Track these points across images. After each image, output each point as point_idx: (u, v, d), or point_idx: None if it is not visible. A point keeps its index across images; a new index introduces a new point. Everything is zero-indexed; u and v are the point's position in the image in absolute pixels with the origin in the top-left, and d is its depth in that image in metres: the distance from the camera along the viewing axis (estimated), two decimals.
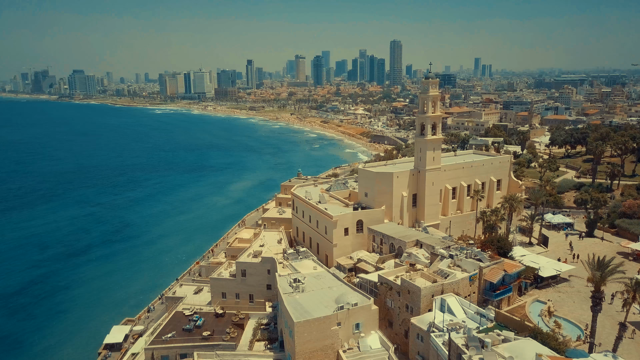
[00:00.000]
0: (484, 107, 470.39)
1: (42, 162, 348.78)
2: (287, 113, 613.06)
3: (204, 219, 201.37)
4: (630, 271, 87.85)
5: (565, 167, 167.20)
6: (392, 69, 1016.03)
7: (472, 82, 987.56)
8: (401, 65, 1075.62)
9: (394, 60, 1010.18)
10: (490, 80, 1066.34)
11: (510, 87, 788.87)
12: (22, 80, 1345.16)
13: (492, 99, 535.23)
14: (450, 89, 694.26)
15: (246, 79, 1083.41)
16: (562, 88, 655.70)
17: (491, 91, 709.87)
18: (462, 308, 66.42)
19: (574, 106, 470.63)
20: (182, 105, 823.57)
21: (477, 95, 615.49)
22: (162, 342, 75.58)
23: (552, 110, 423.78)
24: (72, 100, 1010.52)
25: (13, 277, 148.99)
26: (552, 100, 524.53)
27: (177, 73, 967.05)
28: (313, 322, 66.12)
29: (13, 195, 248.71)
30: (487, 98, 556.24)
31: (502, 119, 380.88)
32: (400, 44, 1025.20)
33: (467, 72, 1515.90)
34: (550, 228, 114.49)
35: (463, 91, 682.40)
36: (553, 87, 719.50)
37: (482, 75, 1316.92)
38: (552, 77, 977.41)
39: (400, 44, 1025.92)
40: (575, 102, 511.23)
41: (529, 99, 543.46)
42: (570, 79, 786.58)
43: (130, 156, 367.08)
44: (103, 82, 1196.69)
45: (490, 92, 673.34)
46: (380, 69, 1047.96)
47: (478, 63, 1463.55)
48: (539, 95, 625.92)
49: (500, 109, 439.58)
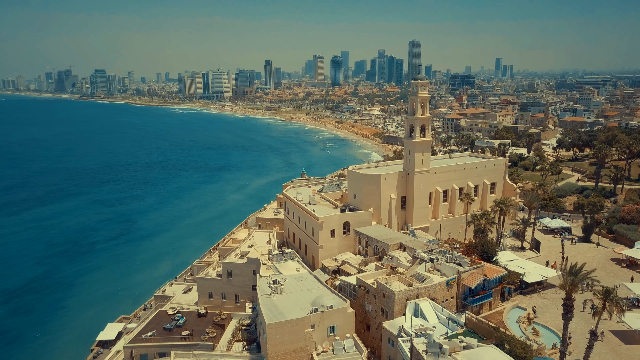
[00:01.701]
0: (500, 108, 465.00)
1: (64, 159, 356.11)
2: (302, 113, 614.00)
3: (209, 218, 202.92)
4: (622, 278, 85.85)
5: (571, 170, 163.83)
6: (411, 70, 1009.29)
7: (492, 83, 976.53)
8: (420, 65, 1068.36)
9: (413, 60, 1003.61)
10: (510, 81, 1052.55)
11: (531, 88, 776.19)
12: (46, 79, 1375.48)
13: (509, 100, 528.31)
14: (468, 90, 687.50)
15: (264, 79, 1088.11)
16: (583, 89, 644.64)
17: (510, 92, 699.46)
18: (435, 313, 65.63)
19: (594, 108, 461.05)
20: (200, 105, 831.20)
21: (496, 97, 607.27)
22: (141, 341, 76.16)
23: (571, 112, 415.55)
24: (93, 100, 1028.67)
25: (19, 272, 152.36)
26: (571, 102, 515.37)
27: (196, 73, 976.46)
28: (285, 324, 66.01)
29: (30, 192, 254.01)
30: (504, 99, 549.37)
31: (517, 121, 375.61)
32: (419, 44, 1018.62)
33: (488, 72, 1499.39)
34: (547, 232, 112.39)
35: (481, 92, 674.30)
36: (575, 88, 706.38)
37: (502, 76, 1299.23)
38: (574, 78, 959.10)
39: (419, 44, 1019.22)
40: (596, 104, 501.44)
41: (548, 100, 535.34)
42: (592, 80, 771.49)
43: (142, 155, 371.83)
44: (124, 82, 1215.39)
45: (509, 93, 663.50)
46: (398, 69, 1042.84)
47: (499, 64, 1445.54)
48: (559, 96, 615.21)
49: (518, 110, 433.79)
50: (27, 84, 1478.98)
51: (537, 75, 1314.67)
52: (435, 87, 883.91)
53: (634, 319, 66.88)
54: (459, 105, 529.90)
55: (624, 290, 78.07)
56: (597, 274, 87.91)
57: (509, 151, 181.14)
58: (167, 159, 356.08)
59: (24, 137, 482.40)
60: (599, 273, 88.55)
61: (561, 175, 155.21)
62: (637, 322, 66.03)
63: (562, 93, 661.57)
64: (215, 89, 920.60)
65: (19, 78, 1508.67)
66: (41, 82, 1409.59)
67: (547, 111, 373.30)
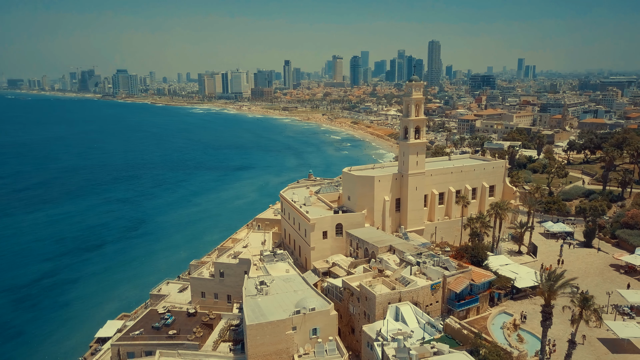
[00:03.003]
0: (519, 109, 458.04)
1: (87, 157, 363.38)
2: (318, 113, 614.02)
3: (218, 218, 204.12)
4: (619, 285, 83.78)
5: (581, 173, 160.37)
6: (430, 70, 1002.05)
7: (514, 83, 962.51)
8: (439, 65, 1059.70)
9: (432, 60, 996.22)
10: (533, 82, 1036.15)
11: (553, 88, 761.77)
12: (70, 79, 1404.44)
13: (529, 101, 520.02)
14: (488, 91, 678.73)
15: (283, 79, 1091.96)
16: (607, 90, 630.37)
17: (531, 93, 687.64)
18: (415, 317, 64.93)
19: (616, 109, 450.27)
20: (218, 105, 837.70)
21: (516, 97, 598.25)
22: (128, 339, 76.94)
23: (592, 114, 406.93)
24: (115, 99, 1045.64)
25: (27, 268, 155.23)
26: (593, 103, 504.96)
27: (215, 73, 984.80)
28: (266, 326, 66.10)
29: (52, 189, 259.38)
30: (524, 100, 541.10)
31: (535, 122, 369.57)
32: (439, 45, 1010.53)
33: (510, 73, 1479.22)
34: (549, 237, 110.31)
35: (501, 93, 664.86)
36: (598, 89, 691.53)
37: (525, 76, 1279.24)
38: (599, 78, 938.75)
39: (439, 44, 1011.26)
40: (619, 105, 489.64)
41: (570, 101, 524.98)
42: (616, 81, 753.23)
43: (160, 154, 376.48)
44: (146, 82, 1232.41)
45: (530, 94, 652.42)
46: (418, 69, 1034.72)
47: (521, 64, 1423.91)
48: (581, 97, 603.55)
49: (538, 111, 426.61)
50: (52, 83, 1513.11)
51: (560, 76, 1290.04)
52: (455, 87, 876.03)
53: (622, 327, 65.11)
54: (477, 106, 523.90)
55: (618, 297, 76.13)
56: (594, 279, 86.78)
57: (518, 153, 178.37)
58: (185, 158, 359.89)
59: (50, 135, 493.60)
60: (595, 279, 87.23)
61: (569, 178, 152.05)
62: (625, 331, 64.26)
63: (584, 94, 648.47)
64: (234, 89, 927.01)
65: (44, 78, 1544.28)
66: (65, 82, 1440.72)
67: (565, 112, 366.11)
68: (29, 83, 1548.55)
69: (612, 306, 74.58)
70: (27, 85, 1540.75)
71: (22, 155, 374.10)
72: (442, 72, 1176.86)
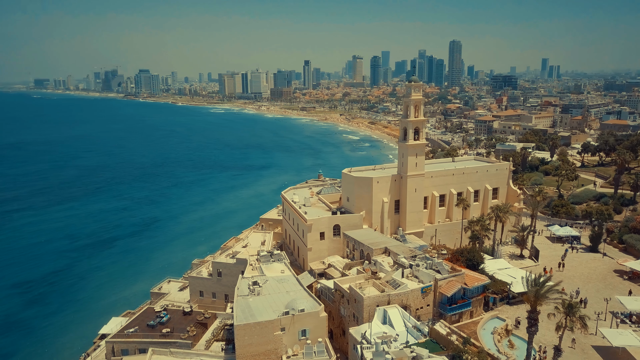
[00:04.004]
0: (540, 110, 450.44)
1: (101, 156, 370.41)
2: (336, 114, 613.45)
3: (235, 217, 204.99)
4: (621, 291, 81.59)
5: (595, 175, 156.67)
6: (451, 70, 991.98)
7: (537, 84, 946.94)
8: (460, 66, 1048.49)
9: (453, 61, 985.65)
10: (556, 82, 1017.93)
11: (577, 89, 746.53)
12: (95, 79, 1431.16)
13: (551, 102, 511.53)
14: (508, 91, 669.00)
15: (303, 79, 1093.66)
16: (632, 91, 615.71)
17: (554, 93, 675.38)
18: (403, 320, 64.24)
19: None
20: (238, 105, 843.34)
21: (538, 98, 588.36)
22: (123, 336, 77.87)
23: (615, 115, 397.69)
24: (137, 99, 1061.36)
25: (39, 265, 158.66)
26: (618, 104, 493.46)
27: (235, 73, 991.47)
28: (254, 326, 66.18)
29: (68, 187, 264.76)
30: (546, 101, 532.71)
31: (555, 123, 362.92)
32: (460, 45, 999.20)
33: (534, 73, 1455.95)
34: (554, 241, 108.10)
35: (523, 93, 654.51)
36: (624, 90, 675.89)
37: (549, 76, 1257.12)
38: (626, 79, 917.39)
39: (460, 44, 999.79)
40: None
41: (593, 102, 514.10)
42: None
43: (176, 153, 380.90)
44: (167, 81, 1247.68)
45: (552, 95, 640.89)
46: (438, 69, 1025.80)
47: (545, 64, 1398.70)
48: (605, 98, 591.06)
49: (559, 112, 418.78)
50: (77, 83, 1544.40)
51: (585, 76, 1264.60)
52: (476, 88, 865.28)
53: (616, 335, 63.35)
54: (497, 107, 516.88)
55: (617, 304, 74.16)
56: (595, 285, 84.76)
57: (531, 155, 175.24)
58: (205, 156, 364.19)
59: (76, 133, 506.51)
60: (596, 285, 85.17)
61: (581, 181, 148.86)
62: (619, 339, 62.48)
63: (609, 95, 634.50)
64: (254, 89, 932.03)
65: (69, 78, 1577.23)
66: (89, 82, 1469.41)
67: (586, 113, 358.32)
68: (54, 83, 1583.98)
69: (610, 313, 72.70)
70: (53, 84, 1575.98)
71: (49, 152, 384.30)
72: (463, 72, 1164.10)
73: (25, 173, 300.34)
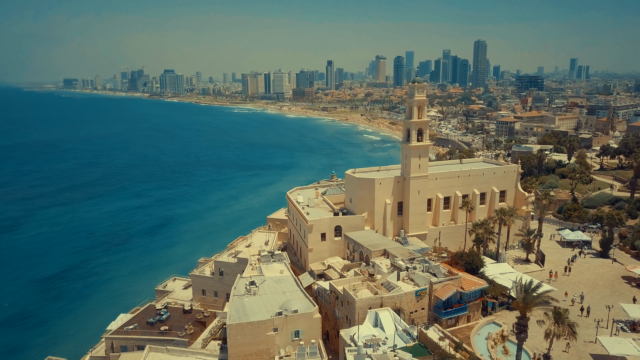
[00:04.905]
0: (566, 111, 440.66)
1: (130, 155, 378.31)
2: (357, 114, 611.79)
3: (248, 217, 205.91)
4: (627, 298, 79.16)
5: (613, 179, 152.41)
6: (475, 70, 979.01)
7: (565, 84, 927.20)
8: (485, 66, 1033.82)
9: (478, 61, 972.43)
10: (585, 83, 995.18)
11: (606, 90, 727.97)
12: (121, 79, 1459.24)
13: (577, 103, 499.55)
14: (534, 92, 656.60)
15: (326, 79, 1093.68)
16: None
17: (581, 94, 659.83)
18: (394, 324, 63.57)
19: None
20: (260, 105, 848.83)
21: (564, 99, 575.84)
22: (122, 333, 79.12)
23: None
24: (162, 98, 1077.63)
25: (57, 261, 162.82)
26: None
27: (258, 73, 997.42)
28: (246, 326, 66.47)
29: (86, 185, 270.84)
30: (572, 102, 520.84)
31: (580, 125, 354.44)
32: (485, 45, 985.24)
33: (562, 74, 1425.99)
34: (564, 245, 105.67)
35: (548, 94, 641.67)
36: None
37: (577, 77, 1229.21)
38: None
39: (485, 44, 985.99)
40: None
41: (622, 103, 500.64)
42: None
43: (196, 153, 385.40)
44: (192, 82, 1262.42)
45: (580, 96, 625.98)
46: (462, 70, 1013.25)
47: (574, 64, 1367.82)
48: (635, 99, 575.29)
49: (585, 113, 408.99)
50: (104, 83, 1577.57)
51: (616, 77, 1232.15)
52: (501, 88, 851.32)
53: (614, 344, 61.39)
54: (522, 108, 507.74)
55: (620, 312, 71.95)
56: (601, 291, 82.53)
57: (548, 157, 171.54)
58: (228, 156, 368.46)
59: (107, 132, 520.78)
60: (602, 291, 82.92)
61: (598, 184, 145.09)
62: (617, 348, 60.55)
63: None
64: (276, 90, 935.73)
65: (96, 78, 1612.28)
66: (116, 82, 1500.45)
67: (612, 115, 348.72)
68: (82, 82, 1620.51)
69: (612, 320, 70.60)
70: (81, 84, 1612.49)
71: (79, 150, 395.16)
72: (489, 72, 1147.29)
73: (57, 170, 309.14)
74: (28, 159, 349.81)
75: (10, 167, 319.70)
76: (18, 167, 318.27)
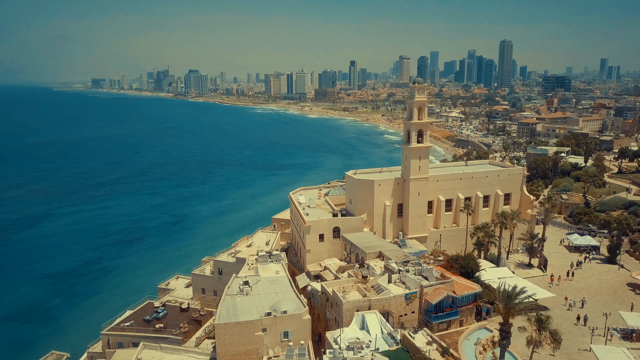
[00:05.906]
0: (592, 112, 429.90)
1: (156, 153, 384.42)
2: (378, 114, 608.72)
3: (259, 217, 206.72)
4: (628, 306, 76.73)
5: (630, 182, 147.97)
6: (501, 71, 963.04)
7: (594, 85, 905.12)
8: (511, 66, 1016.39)
9: (504, 61, 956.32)
10: (615, 83, 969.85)
11: (637, 90, 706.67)
12: (147, 79, 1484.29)
13: (604, 104, 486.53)
14: (560, 93, 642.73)
15: (349, 79, 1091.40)
16: None
17: (610, 95, 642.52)
18: (380, 327, 63.01)
19: None
20: (282, 105, 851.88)
21: (591, 100, 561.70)
22: (118, 330, 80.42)
23: None
24: (186, 98, 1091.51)
25: (70, 257, 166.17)
26: None
27: (281, 73, 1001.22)
28: (235, 325, 66.72)
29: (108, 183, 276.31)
30: (599, 103, 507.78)
31: (605, 127, 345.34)
32: (511, 44, 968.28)
33: (592, 74, 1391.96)
34: (572, 250, 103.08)
35: (575, 95, 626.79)
36: None
37: (607, 77, 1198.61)
38: None
39: (511, 44, 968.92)
40: None
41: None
42: None
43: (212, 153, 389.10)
44: (216, 82, 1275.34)
45: (608, 97, 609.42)
46: (487, 70, 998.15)
47: (604, 64, 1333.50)
48: None
49: (612, 115, 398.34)
50: (131, 83, 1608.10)
51: None
52: (527, 89, 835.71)
53: (606, 353, 59.60)
54: (546, 109, 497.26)
55: (618, 319, 69.83)
56: (603, 298, 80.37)
57: (563, 160, 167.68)
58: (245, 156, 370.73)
59: (133, 130, 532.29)
60: (604, 298, 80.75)
61: (614, 188, 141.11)
62: (609, 357, 58.77)
63: None
64: (299, 90, 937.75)
65: (123, 78, 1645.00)
66: (142, 82, 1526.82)
67: (638, 116, 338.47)
68: (110, 82, 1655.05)
69: (610, 328, 68.58)
70: (109, 84, 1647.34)
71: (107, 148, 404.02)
72: (515, 73, 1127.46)
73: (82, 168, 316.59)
74: (55, 157, 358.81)
75: (36, 164, 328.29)
76: (42, 165, 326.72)
